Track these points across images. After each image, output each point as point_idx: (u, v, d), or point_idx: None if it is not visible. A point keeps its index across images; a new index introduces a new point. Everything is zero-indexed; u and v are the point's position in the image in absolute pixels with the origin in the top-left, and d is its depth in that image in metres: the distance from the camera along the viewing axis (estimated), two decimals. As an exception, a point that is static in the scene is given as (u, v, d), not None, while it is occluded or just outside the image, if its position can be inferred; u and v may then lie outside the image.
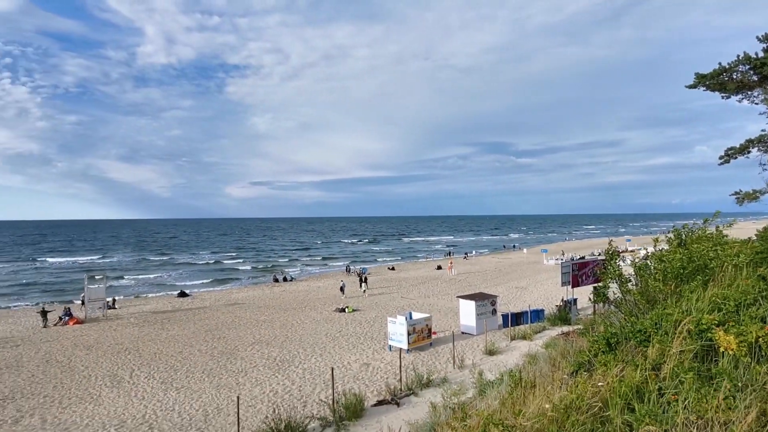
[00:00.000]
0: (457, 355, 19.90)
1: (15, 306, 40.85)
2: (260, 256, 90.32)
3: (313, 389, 17.54)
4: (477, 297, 26.33)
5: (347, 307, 33.79)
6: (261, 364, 21.09)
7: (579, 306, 28.53)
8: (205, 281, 56.84)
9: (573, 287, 27.75)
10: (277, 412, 13.95)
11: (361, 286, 41.40)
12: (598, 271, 15.31)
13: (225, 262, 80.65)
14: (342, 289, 40.04)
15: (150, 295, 46.39)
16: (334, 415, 13.44)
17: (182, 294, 43.30)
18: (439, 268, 60.55)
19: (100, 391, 17.99)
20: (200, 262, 79.92)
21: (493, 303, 26.36)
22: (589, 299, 17.19)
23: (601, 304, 16.02)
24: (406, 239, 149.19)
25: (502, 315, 26.86)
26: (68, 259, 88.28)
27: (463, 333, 24.90)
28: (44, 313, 30.15)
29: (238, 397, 13.59)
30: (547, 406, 5.12)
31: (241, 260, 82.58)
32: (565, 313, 26.62)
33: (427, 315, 23.69)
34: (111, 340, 26.26)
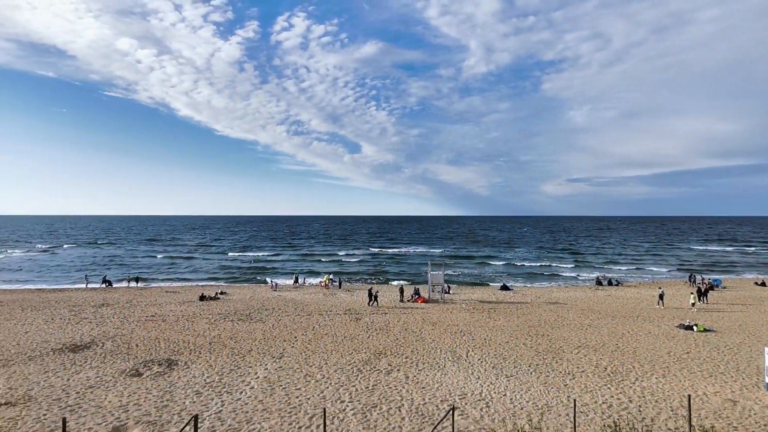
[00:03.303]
0: None
1: (367, 281, 52.90)
2: (580, 256, 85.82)
3: (657, 414, 15.16)
4: None
5: (696, 324, 27.80)
6: (589, 370, 19.85)
7: None
8: (523, 276, 58.43)
9: None
10: (617, 428, 12.72)
11: (700, 299, 33.60)
12: None
13: (544, 259, 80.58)
14: (694, 304, 33.59)
15: (474, 285, 51.26)
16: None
17: (504, 287, 45.80)
18: None
19: (444, 363, 20.98)
20: (517, 258, 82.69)
21: None
22: None
23: None
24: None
25: None
26: (413, 249, 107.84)
27: None
28: (402, 291, 37.75)
29: (574, 401, 13.13)
30: None
31: (561, 259, 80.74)
32: None
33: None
34: (448, 320, 30.34)
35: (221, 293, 41.50)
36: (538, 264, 73.87)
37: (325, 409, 11.52)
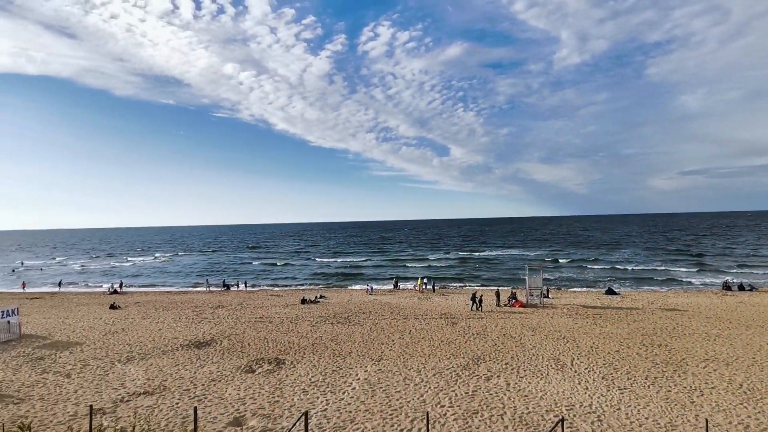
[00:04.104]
0: None
1: (465, 286, 51.86)
2: (701, 258, 76.62)
3: (813, 441, 12.99)
4: None
5: None
6: (721, 387, 17.59)
7: None
8: (630, 280, 53.61)
9: None
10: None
11: None
12: None
13: (655, 262, 73.24)
14: None
15: (575, 289, 48.08)
16: None
17: (610, 291, 42.41)
18: None
19: (547, 370, 19.95)
20: (623, 260, 76.03)
21: None
22: None
23: None
24: None
25: None
26: (506, 252, 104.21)
27: None
28: (498, 295, 36.66)
29: (706, 420, 11.75)
30: None
31: (676, 261, 72.81)
32: None
33: None
34: (549, 326, 28.81)
35: (320, 297, 43.63)
36: (649, 267, 67.23)
37: (428, 413, 11.57)
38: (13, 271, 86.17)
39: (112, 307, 39.48)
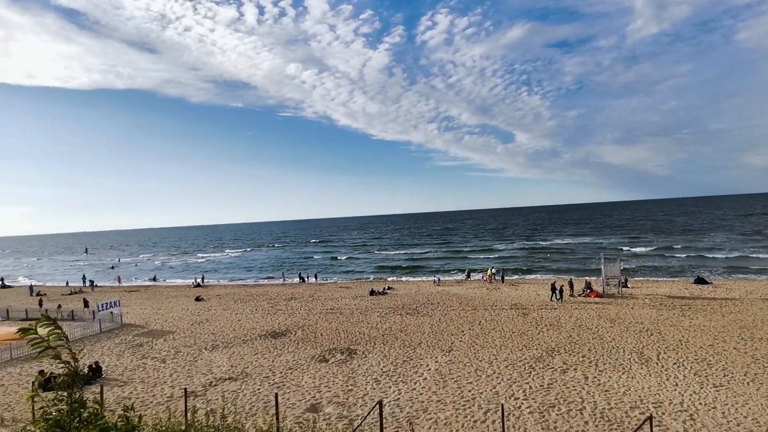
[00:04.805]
0: None
1: (541, 277, 49.97)
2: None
3: None
4: None
5: None
6: (839, 386, 15.64)
7: None
8: (722, 268, 48.92)
9: None
10: None
11: None
12: None
13: (753, 248, 66.25)
14: None
15: (658, 279, 44.75)
16: None
17: (700, 280, 39.03)
18: None
19: (630, 365, 18.81)
20: (712, 247, 69.48)
21: None
22: None
23: None
24: None
25: None
26: (578, 240, 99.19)
27: None
28: (571, 284, 35.06)
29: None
30: None
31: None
32: None
33: None
34: (630, 317, 27.10)
35: (388, 288, 44.18)
36: (744, 254, 60.90)
37: (502, 405, 11.38)
38: (113, 267, 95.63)
39: (197, 299, 42.62)
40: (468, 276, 51.73)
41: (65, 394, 3.25)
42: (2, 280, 71.65)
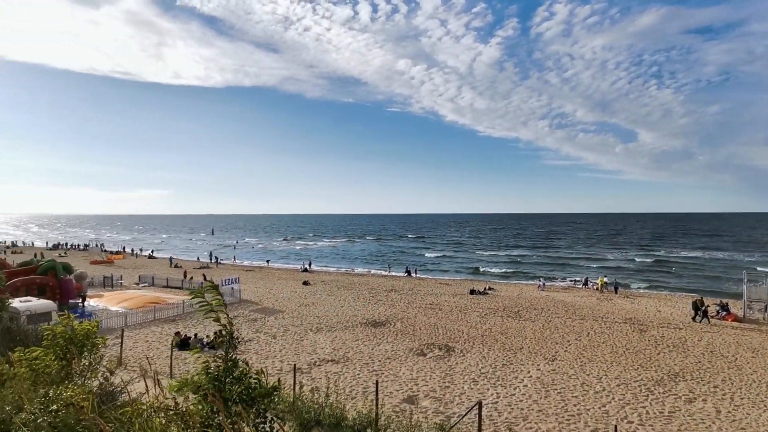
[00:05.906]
0: None
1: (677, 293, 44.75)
2: None
3: None
4: None
5: None
6: None
7: None
8: None
9: None
10: None
11: None
12: None
13: None
14: None
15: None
16: None
17: None
18: None
19: (777, 403, 16.11)
20: None
21: None
22: None
23: None
24: None
25: None
26: (709, 253, 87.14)
27: None
28: (702, 303, 30.85)
29: None
30: None
31: None
32: None
33: None
34: (778, 348, 23.14)
35: (489, 289, 43.07)
36: None
37: (616, 426, 10.48)
38: (234, 247, 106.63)
39: (305, 283, 45.65)
40: (585, 284, 47.94)
41: (222, 352, 3.74)
42: (152, 252, 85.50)
